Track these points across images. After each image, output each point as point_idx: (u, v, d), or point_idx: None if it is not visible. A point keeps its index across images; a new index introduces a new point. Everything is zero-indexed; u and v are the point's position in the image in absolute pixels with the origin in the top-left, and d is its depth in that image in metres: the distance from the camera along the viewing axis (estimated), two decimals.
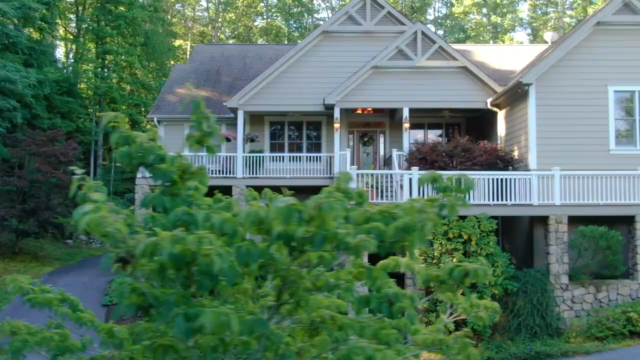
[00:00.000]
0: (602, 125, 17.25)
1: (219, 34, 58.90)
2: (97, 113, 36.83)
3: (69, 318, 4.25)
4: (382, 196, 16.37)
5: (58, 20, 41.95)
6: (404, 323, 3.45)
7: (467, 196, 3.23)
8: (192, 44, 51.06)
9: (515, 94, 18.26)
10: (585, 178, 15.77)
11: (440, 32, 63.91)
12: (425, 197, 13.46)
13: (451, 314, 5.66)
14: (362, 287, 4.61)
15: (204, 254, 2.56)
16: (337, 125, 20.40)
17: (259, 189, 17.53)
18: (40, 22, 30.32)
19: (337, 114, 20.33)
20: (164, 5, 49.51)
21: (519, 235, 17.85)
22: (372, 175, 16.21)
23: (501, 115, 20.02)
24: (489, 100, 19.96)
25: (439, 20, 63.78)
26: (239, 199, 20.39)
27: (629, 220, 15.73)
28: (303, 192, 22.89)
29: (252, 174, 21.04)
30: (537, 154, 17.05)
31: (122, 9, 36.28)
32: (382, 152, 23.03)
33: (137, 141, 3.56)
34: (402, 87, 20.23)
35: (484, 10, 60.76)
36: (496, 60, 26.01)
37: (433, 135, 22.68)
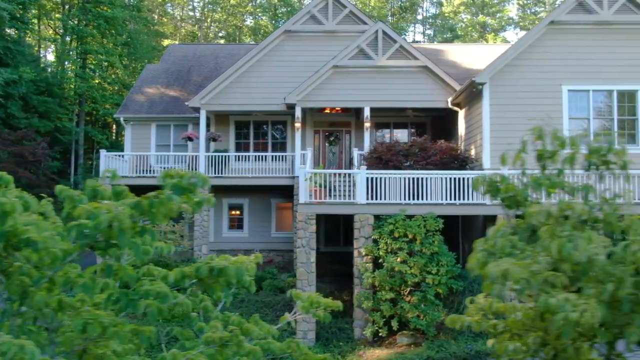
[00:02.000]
0: (556, 124, 17.19)
1: (209, 33, 58.99)
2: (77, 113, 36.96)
3: None
4: (332, 195, 16.39)
5: (46, 21, 42.13)
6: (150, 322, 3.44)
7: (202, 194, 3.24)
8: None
9: (471, 93, 18.25)
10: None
11: (430, 31, 63.90)
12: (379, 195, 13.19)
13: (295, 312, 5.69)
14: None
15: None
16: (297, 125, 20.42)
17: (223, 188, 17.86)
18: (15, 21, 30.36)
19: (298, 113, 20.35)
20: (148, 5, 49.55)
21: (476, 235, 17.83)
22: (321, 174, 16.21)
23: (461, 114, 20.01)
24: (449, 100, 19.95)
25: (429, 20, 63.73)
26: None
27: None
28: (270, 191, 22.68)
29: (217, 173, 21.05)
30: (491, 153, 17.04)
31: (104, 8, 36.34)
32: (348, 152, 23.04)
33: None
34: (363, 86, 20.24)
35: (473, 10, 60.65)
36: (473, 60, 25.94)
37: (399, 135, 22.68)
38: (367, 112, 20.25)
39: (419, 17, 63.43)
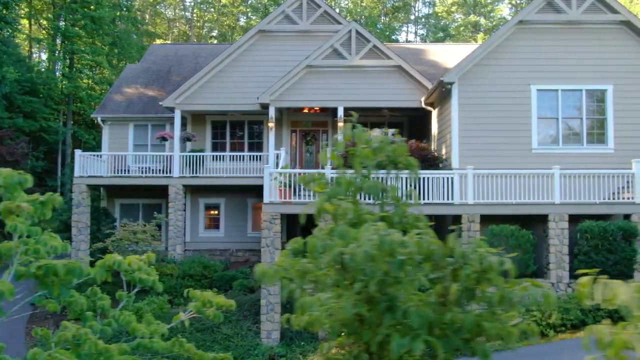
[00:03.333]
0: (524, 124, 17.20)
1: (202, 33, 59.02)
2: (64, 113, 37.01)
3: None
4: (299, 195, 16.39)
5: (36, 21, 42.17)
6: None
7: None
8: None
9: (442, 93, 18.25)
10: (501, 177, 15.71)
11: (423, 31, 63.84)
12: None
13: (191, 311, 5.69)
14: None
15: None
16: (271, 125, 20.44)
17: (199, 188, 18.06)
18: None
19: (271, 112, 20.36)
20: (139, 5, 49.60)
21: (443, 235, 17.79)
22: (286, 174, 16.23)
23: (434, 114, 20.01)
24: (422, 99, 19.95)
25: (422, 20, 63.69)
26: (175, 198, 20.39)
27: (544, 219, 15.67)
28: (246, 191, 22.49)
29: (193, 173, 21.07)
30: (460, 153, 17.03)
31: (92, 8, 36.36)
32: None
33: None
34: (337, 86, 20.24)
35: (466, 9, 60.58)
36: (456, 59, 25.77)
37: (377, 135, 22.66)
38: (341, 112, 20.25)
39: (412, 17, 63.39)
